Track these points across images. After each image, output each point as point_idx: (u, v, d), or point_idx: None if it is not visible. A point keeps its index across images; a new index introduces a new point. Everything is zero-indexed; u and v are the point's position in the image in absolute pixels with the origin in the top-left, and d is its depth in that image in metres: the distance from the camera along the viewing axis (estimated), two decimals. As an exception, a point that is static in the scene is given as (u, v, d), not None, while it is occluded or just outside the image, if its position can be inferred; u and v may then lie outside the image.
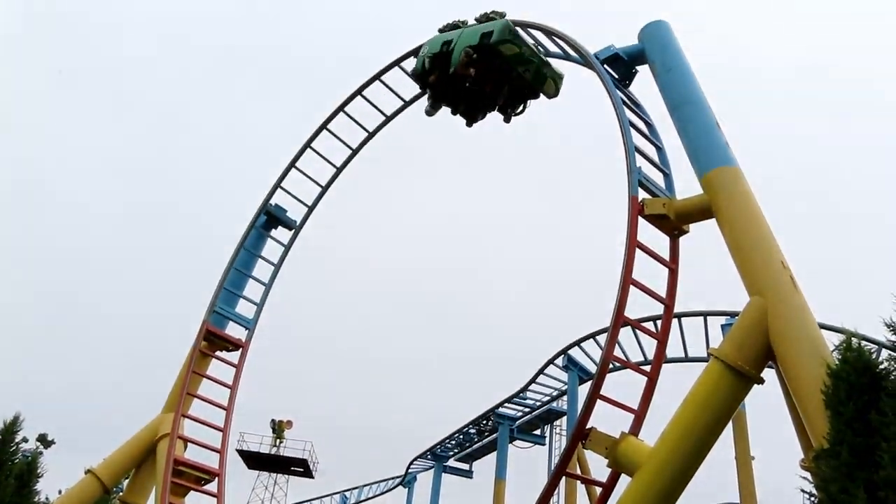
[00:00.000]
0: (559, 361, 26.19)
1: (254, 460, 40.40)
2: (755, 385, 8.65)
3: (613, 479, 9.63)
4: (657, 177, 11.54)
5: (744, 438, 18.56)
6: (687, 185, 10.89)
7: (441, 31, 13.91)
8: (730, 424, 18.49)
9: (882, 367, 6.79)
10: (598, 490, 10.14)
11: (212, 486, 14.35)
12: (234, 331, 17.47)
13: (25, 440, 29.33)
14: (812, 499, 6.63)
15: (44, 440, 33.66)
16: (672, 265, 10.72)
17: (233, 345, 17.04)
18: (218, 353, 16.92)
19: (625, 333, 21.25)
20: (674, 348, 23.55)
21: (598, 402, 9.70)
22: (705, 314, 20.99)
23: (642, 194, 10.62)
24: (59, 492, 18.08)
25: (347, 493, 43.33)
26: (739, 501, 18.79)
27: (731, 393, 8.45)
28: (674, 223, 10.64)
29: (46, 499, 20.22)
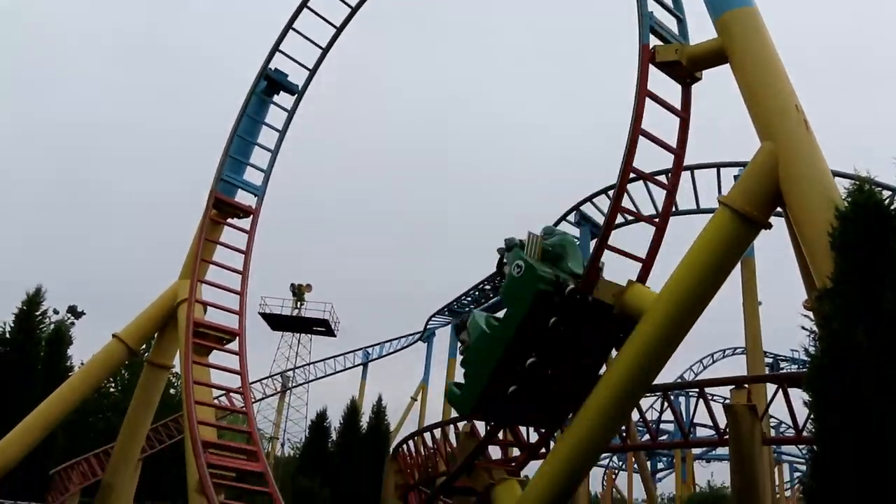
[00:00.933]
0: (571, 217, 26.31)
1: (276, 322, 42.17)
2: (764, 231, 8.64)
3: (621, 324, 9.84)
4: (671, 22, 10.92)
5: (752, 285, 18.87)
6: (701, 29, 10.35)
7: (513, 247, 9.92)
8: (739, 272, 18.88)
9: (894, 208, 6.67)
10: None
11: (233, 346, 14.99)
12: (244, 199, 17.56)
13: (56, 311, 30.58)
14: (813, 336, 6.75)
15: (73, 311, 35.11)
16: (683, 114, 10.36)
17: (243, 211, 17.19)
18: (229, 221, 17.10)
19: (637, 189, 21.10)
20: (687, 202, 23.50)
21: (607, 254, 9.72)
22: (718, 165, 20.71)
23: (654, 41, 10.09)
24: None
25: (369, 350, 45.47)
26: (745, 345, 19.43)
27: (738, 238, 8.47)
28: (686, 70, 10.17)
29: (81, 363, 21.39)
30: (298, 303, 42.11)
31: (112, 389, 35.58)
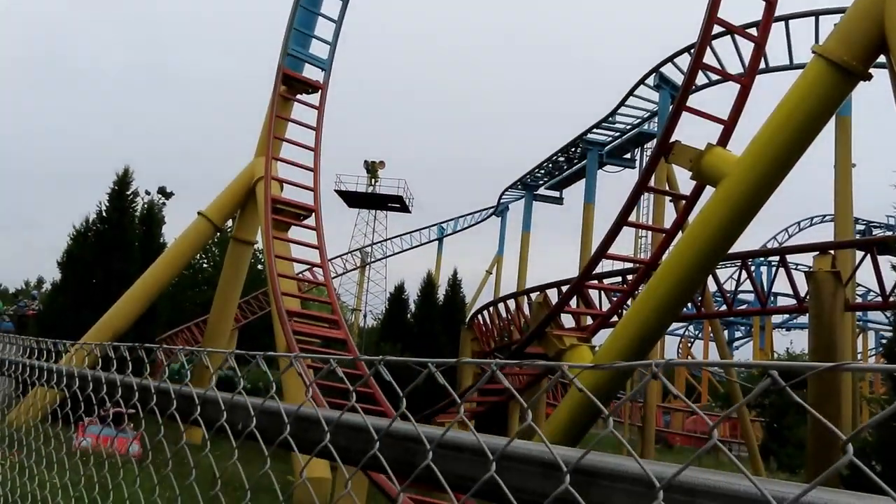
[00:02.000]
0: (651, 81, 25.03)
1: (352, 199, 42.96)
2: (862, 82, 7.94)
3: (697, 192, 9.57)
4: None
5: (846, 145, 17.67)
6: None
7: None
8: (833, 130, 17.67)
9: None
10: (683, 203, 10.16)
11: (310, 222, 15.41)
12: (312, 74, 17.42)
13: (147, 192, 32.02)
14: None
15: (164, 192, 36.66)
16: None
17: (311, 86, 17.09)
18: (299, 97, 17.08)
19: (724, 44, 19.64)
20: (779, 57, 21.77)
21: (686, 117, 9.29)
22: (816, 14, 18.88)
23: None
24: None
25: (444, 225, 46.08)
26: (834, 212, 18.52)
27: (833, 91, 7.82)
28: None
29: (174, 239, 22.52)
30: (373, 179, 42.57)
31: (205, 265, 37.81)
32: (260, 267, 32.81)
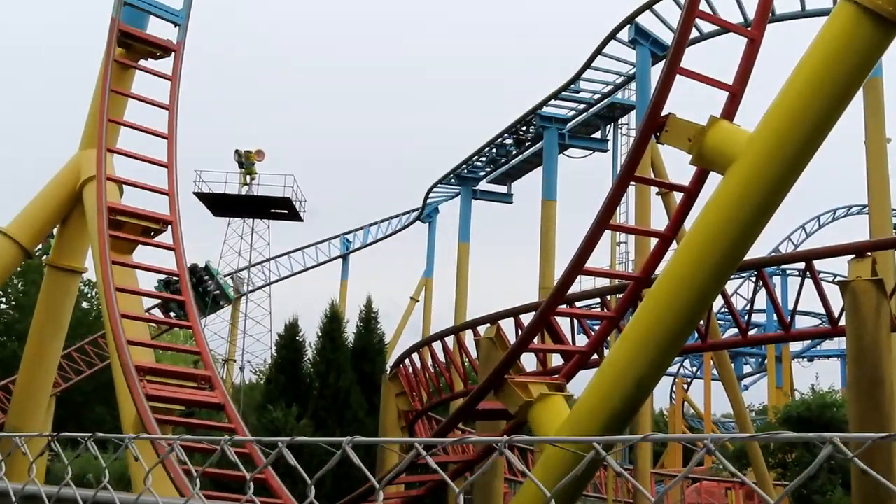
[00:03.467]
0: (624, 34, 25.76)
1: (218, 204, 42.20)
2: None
3: (699, 181, 9.84)
4: None
5: (877, 114, 18.60)
6: None
7: None
8: (859, 96, 18.57)
9: None
10: (679, 198, 10.42)
11: (165, 238, 15.04)
12: (159, 29, 17.13)
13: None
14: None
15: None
16: None
17: (161, 49, 16.77)
18: (143, 63, 16.74)
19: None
20: (787, 2, 22.79)
21: (679, 79, 9.57)
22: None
23: None
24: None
25: (350, 237, 45.95)
26: (868, 201, 19.40)
27: (866, 45, 8.21)
28: None
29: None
30: (248, 177, 42.01)
31: (3, 305, 36.27)
32: (87, 304, 31.77)
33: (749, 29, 10.06)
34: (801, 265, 16.94)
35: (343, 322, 31.66)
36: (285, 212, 42.61)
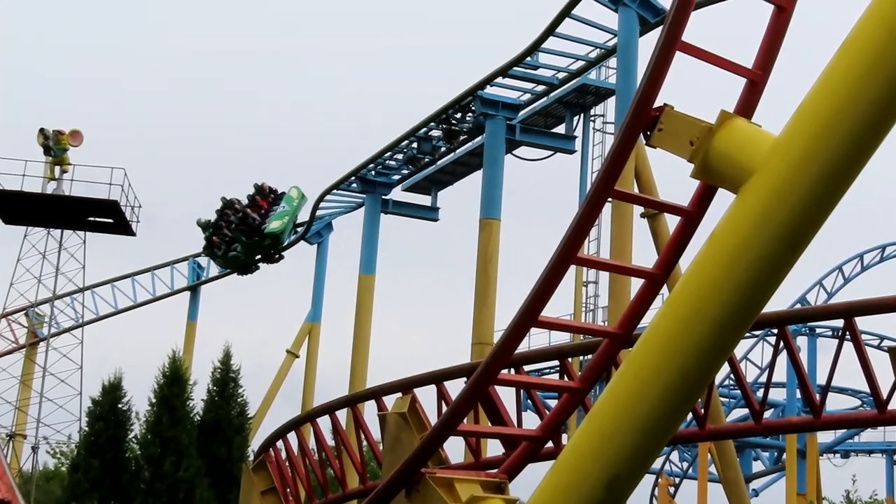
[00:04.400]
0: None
1: (11, 207, 41.33)
2: None
3: (702, 202, 9.95)
4: None
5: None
6: None
7: None
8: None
9: None
10: (674, 223, 10.54)
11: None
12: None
13: None
14: None
15: None
16: None
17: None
18: None
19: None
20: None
21: (680, 57, 9.68)
22: None
23: None
24: None
25: (203, 260, 45.53)
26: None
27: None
28: None
29: None
30: (56, 168, 41.26)
31: None
32: None
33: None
34: (838, 322, 17.28)
35: (188, 385, 31.28)
36: (110, 221, 42.04)
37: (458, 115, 32.32)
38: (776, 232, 8.61)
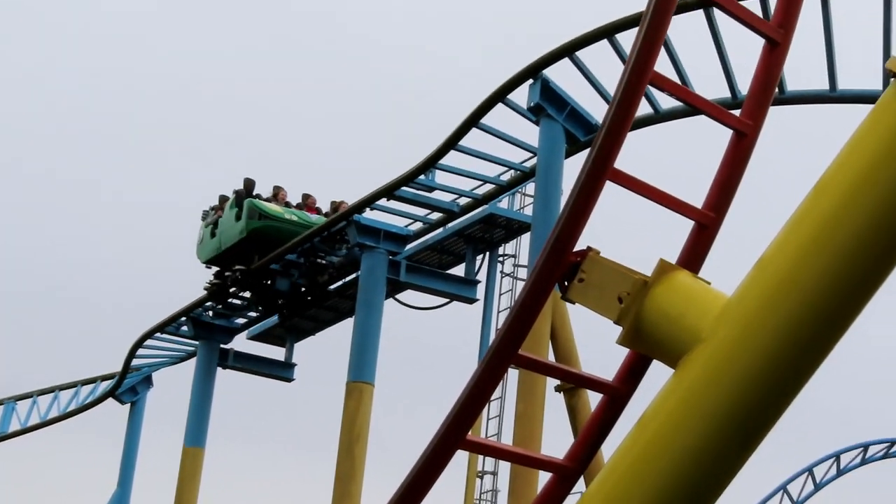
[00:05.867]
0: (520, 95, 26.55)
1: None
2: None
3: (631, 376, 10.06)
4: None
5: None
6: None
7: None
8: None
9: None
10: (596, 401, 10.59)
11: None
12: None
13: None
14: None
15: None
16: None
17: None
18: None
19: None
20: (805, 78, 24.30)
21: (612, 195, 9.86)
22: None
23: None
24: None
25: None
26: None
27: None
28: None
29: None
30: None
31: None
32: None
33: (776, 27, 10.30)
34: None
35: None
36: None
37: (326, 246, 32.26)
38: (724, 417, 8.62)
